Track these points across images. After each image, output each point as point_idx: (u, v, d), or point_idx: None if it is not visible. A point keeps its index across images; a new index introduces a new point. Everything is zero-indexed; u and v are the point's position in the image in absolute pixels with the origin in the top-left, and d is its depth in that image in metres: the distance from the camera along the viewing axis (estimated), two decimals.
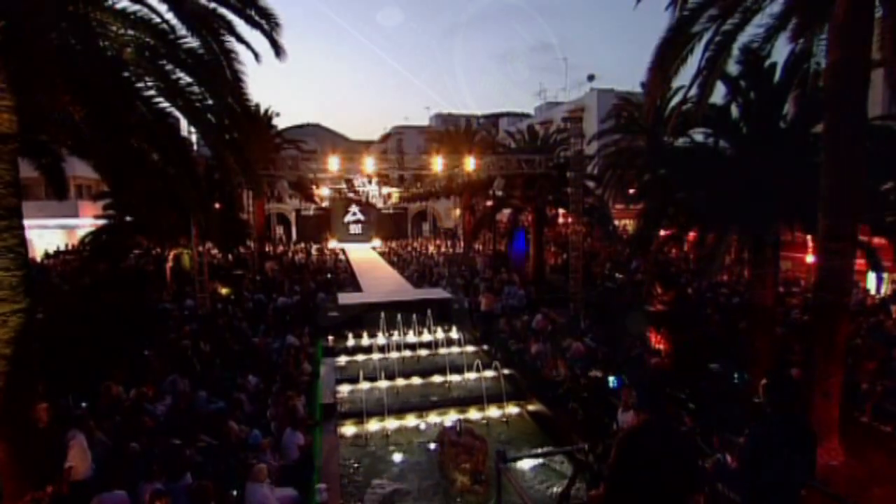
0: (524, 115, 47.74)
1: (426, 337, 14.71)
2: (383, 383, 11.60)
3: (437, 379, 12.24)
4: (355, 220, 40.18)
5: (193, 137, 11.30)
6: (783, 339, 11.17)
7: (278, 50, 6.55)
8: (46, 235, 31.62)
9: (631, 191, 26.08)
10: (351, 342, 14.67)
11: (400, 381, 11.96)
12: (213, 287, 17.42)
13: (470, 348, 14.19)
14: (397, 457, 9.08)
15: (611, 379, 3.88)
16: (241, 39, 6.60)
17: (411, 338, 14.67)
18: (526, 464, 8.57)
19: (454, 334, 14.82)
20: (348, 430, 10.04)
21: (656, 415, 3.02)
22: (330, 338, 14.67)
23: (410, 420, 10.41)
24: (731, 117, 10.54)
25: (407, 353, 13.95)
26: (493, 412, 10.66)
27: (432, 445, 9.20)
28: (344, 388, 11.74)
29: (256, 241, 24.82)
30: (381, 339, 14.43)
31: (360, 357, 13.87)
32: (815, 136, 10.05)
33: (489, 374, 11.84)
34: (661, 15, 8.37)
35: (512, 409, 10.83)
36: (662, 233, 12.41)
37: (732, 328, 13.02)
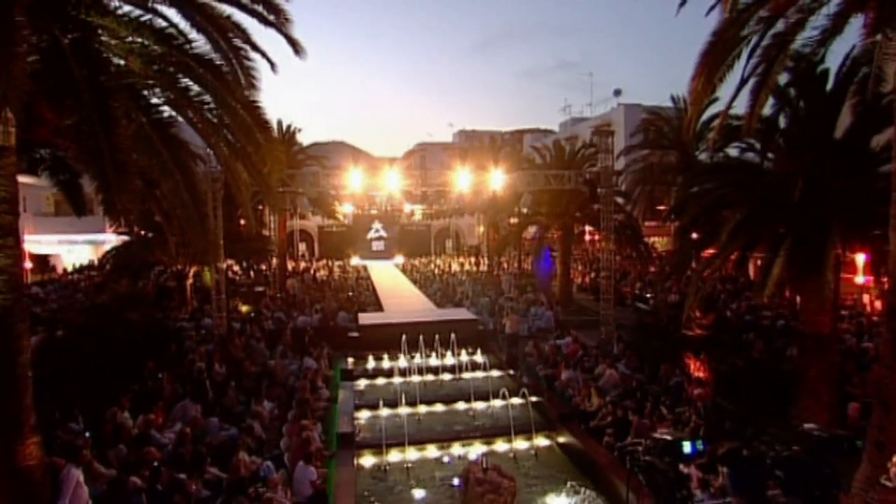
0: (548, 132, 47.15)
1: (449, 360, 14.05)
2: (404, 410, 10.95)
3: (460, 406, 11.57)
4: (378, 236, 39.91)
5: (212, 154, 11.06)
6: (840, 368, 10.23)
7: (296, 48, 6.09)
8: (76, 250, 32.18)
9: (661, 207, 25.25)
10: (371, 365, 14.11)
11: (422, 408, 11.32)
12: (233, 304, 17.12)
13: (495, 373, 13.48)
14: (418, 493, 8.42)
15: (685, 444, 3.21)
16: (255, 47, 6.21)
17: (434, 361, 14.04)
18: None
19: (479, 358, 14.13)
20: (366, 460, 9.42)
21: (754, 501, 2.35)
22: (349, 360, 14.16)
23: (432, 451, 9.75)
24: (779, 129, 9.82)
25: (429, 377, 13.29)
26: (521, 444, 9.94)
27: (456, 481, 8.52)
28: (362, 415, 11.14)
29: (278, 257, 24.61)
30: (402, 362, 13.83)
31: (380, 381, 13.28)
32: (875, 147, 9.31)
33: (516, 401, 11.11)
34: (687, 29, 7.79)
35: (541, 441, 10.08)
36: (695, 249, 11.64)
37: (779, 355, 12.09)
